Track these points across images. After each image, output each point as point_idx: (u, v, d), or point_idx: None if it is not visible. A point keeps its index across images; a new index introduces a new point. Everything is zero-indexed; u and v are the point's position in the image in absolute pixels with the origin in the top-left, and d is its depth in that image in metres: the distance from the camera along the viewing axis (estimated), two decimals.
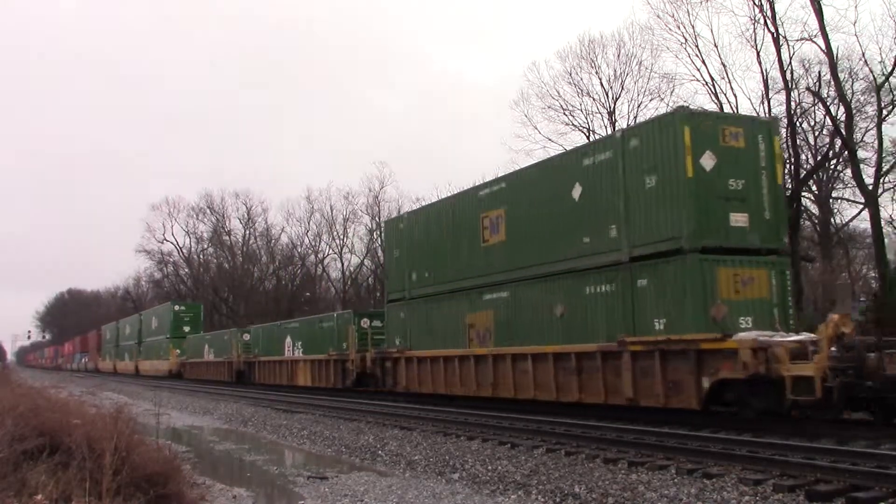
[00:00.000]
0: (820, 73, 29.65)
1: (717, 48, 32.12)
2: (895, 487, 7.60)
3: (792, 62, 29.81)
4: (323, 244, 69.51)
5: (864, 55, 28.83)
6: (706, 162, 13.17)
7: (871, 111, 29.97)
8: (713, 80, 32.11)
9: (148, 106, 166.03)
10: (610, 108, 39.51)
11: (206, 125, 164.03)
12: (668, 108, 33.43)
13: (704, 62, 32.41)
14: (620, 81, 39.21)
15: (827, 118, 30.13)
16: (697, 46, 32.34)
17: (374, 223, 62.20)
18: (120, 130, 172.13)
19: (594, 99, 39.89)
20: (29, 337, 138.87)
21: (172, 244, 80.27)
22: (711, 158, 13.20)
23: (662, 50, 34.88)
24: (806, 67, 30.61)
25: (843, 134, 28.27)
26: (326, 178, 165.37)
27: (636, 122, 33.34)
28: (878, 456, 8.89)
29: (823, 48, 27.89)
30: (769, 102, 31.08)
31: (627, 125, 13.88)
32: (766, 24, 29.51)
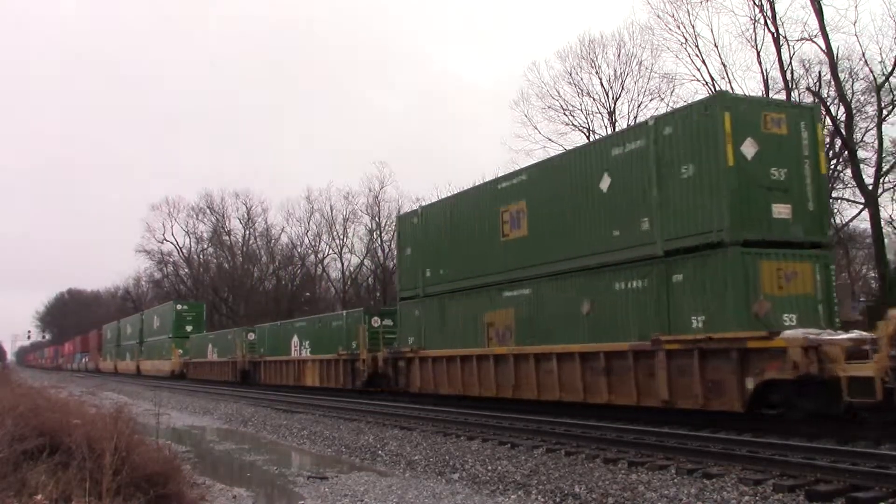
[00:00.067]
0: (820, 73, 29.73)
1: (717, 48, 32.32)
2: (895, 487, 7.60)
3: (792, 62, 29.93)
4: (323, 244, 69.56)
5: (864, 55, 28.88)
6: (747, 150, 12.53)
7: (871, 111, 29.98)
8: (713, 80, 32.20)
9: (148, 106, 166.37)
10: (610, 108, 39.59)
11: (206, 125, 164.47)
12: (668, 108, 33.47)
13: (705, 62, 32.53)
14: (620, 81, 39.30)
15: (827, 118, 30.13)
16: (697, 46, 32.44)
17: (373, 223, 62.21)
18: (120, 130, 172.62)
19: (594, 99, 39.96)
20: (29, 337, 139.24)
21: (172, 244, 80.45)
22: (753, 146, 12.57)
23: (662, 50, 34.99)
24: (806, 67, 30.67)
25: (843, 134, 28.29)
26: (326, 178, 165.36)
27: (636, 122, 33.36)
28: (878, 456, 8.90)
29: (823, 48, 27.99)
30: None
31: (655, 116, 13.43)
32: (766, 24, 29.62)
